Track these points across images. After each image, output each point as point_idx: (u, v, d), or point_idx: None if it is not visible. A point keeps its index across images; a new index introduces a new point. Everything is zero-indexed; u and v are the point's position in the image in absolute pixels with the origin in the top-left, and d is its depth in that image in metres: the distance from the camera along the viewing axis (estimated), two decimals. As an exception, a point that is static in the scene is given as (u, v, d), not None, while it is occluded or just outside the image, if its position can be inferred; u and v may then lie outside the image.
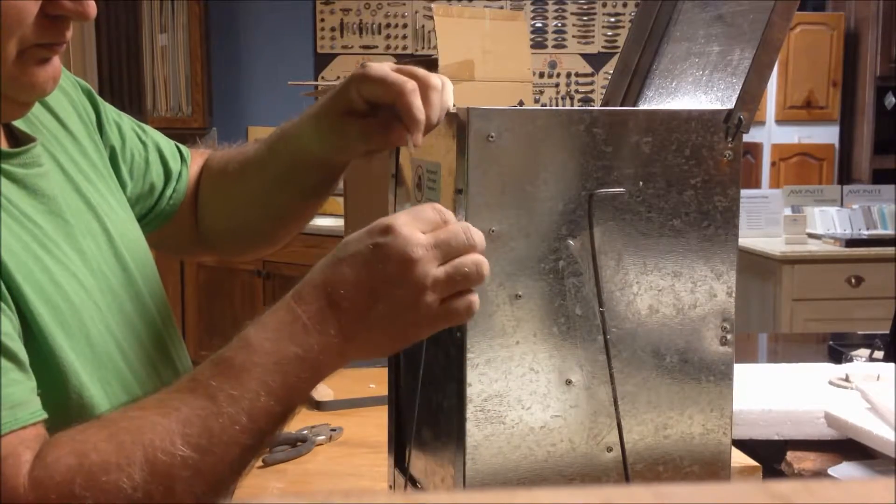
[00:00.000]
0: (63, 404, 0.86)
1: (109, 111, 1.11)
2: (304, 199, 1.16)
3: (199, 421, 0.82)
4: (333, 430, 1.47)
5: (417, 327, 0.86)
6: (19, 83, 0.87)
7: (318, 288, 0.85)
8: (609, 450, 0.95)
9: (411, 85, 0.94)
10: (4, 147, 0.91)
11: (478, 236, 0.86)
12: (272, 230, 1.21)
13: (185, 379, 0.86)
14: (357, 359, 0.89)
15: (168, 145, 1.19)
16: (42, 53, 0.87)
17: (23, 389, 0.81)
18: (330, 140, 1.04)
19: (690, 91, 1.09)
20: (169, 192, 1.16)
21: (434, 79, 0.96)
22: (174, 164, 1.17)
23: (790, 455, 1.34)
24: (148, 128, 1.18)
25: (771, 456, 1.34)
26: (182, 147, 1.21)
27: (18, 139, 0.94)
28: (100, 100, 1.11)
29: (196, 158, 1.22)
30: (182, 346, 1.08)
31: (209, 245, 1.24)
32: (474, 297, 0.86)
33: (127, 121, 1.14)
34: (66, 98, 1.05)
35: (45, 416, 0.83)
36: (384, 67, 0.97)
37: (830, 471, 1.29)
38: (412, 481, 1.05)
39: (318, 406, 1.63)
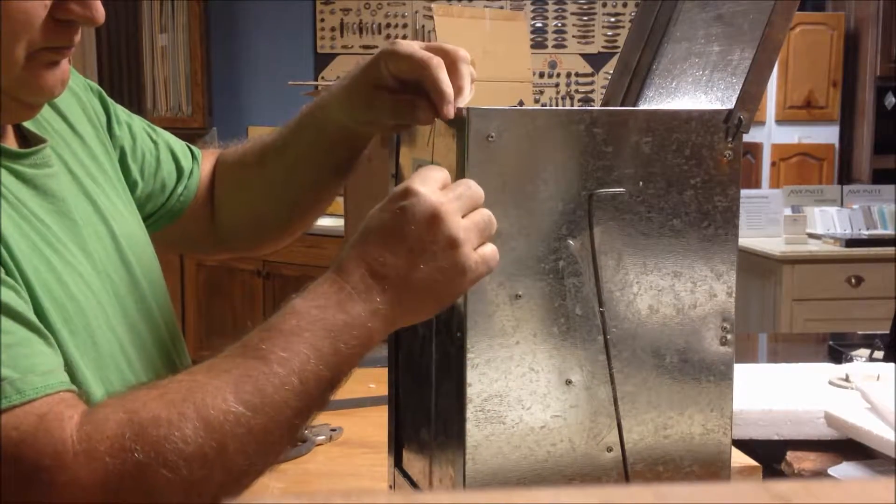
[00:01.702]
0: None
1: (120, 112, 1.13)
2: (324, 178, 1.16)
3: (251, 381, 0.81)
4: (333, 430, 1.47)
5: (461, 279, 0.87)
6: (28, 86, 0.87)
7: (356, 260, 0.86)
8: (609, 450, 0.95)
9: (437, 60, 0.95)
10: (14, 148, 0.92)
11: (481, 190, 0.88)
12: (291, 217, 1.21)
13: (233, 346, 0.85)
14: (409, 322, 0.90)
15: (179, 145, 1.20)
16: (51, 57, 0.87)
17: (53, 361, 0.82)
18: (359, 112, 1.05)
19: (690, 91, 1.08)
20: (180, 189, 1.17)
21: (462, 51, 0.98)
22: (185, 162, 1.18)
23: (790, 455, 1.34)
24: (159, 129, 1.20)
25: (771, 456, 1.34)
26: (193, 147, 1.22)
27: (28, 140, 0.95)
28: (110, 101, 1.12)
29: (207, 157, 1.23)
30: (184, 349, 1.08)
31: (225, 241, 1.24)
32: (493, 246, 0.88)
33: (138, 121, 1.16)
34: (75, 100, 1.05)
35: (75, 388, 0.83)
36: (412, 44, 0.98)
37: (830, 471, 1.29)
38: (411, 481, 1.05)
39: (318, 406, 1.63)
